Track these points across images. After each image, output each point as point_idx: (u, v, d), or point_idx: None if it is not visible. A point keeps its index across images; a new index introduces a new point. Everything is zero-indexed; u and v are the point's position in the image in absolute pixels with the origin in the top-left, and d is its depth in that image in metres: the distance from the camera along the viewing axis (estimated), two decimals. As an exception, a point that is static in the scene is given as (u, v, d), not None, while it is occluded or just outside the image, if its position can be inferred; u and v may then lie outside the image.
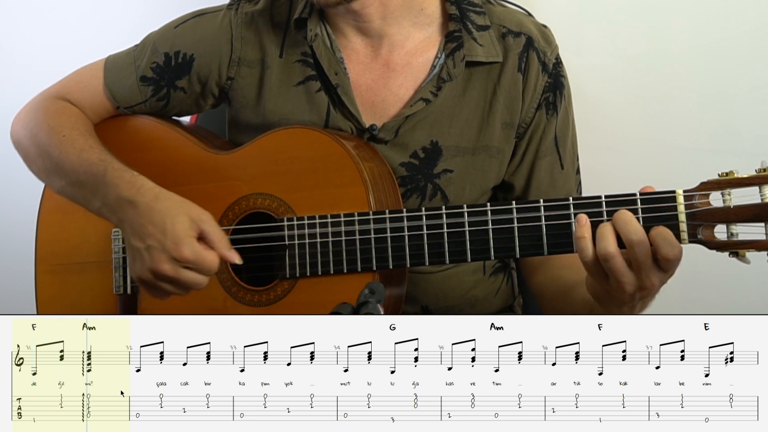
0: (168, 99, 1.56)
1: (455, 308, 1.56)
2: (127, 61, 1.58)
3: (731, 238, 1.21)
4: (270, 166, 1.43)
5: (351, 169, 1.38)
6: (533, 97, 1.49)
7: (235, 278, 1.43)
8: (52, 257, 1.56)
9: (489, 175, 1.51)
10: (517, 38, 1.49)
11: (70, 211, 1.53)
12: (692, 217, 1.23)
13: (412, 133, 1.48)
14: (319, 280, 1.39)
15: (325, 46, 1.50)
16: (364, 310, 1.01)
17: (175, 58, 1.54)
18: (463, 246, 1.33)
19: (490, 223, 1.31)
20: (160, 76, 1.55)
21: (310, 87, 1.50)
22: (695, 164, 1.98)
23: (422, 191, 1.49)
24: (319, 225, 1.38)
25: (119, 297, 1.51)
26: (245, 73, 1.53)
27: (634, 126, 2.02)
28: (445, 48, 1.48)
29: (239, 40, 1.52)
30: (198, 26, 1.56)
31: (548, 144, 1.51)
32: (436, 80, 1.47)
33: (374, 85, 1.50)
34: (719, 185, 1.21)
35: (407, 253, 1.35)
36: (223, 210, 1.44)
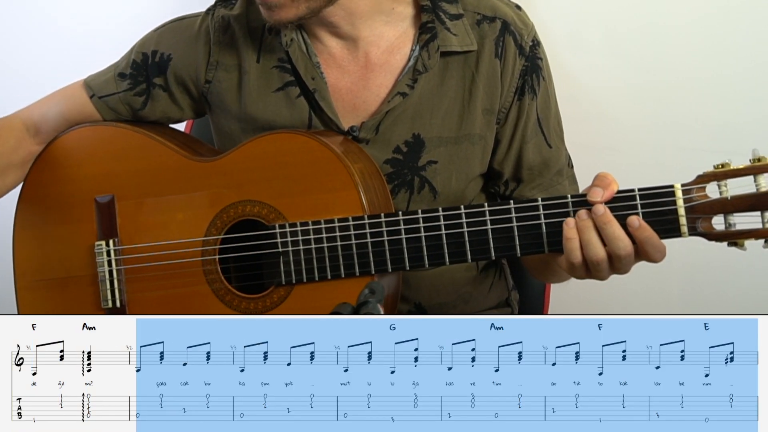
0: (148, 95, 1.55)
1: (448, 305, 1.56)
2: (107, 68, 1.59)
3: (729, 228, 1.23)
4: (257, 173, 1.41)
5: (341, 173, 1.37)
6: (511, 81, 1.48)
7: (229, 287, 1.42)
8: (32, 273, 1.52)
9: (473, 162, 1.50)
10: (492, 23, 1.48)
11: (45, 225, 1.51)
12: (691, 210, 1.24)
13: (393, 128, 1.48)
14: (316, 285, 1.38)
15: (302, 51, 1.49)
16: (364, 310, 1.01)
17: (152, 56, 1.54)
18: (462, 247, 1.32)
19: (489, 224, 1.31)
20: (138, 72, 1.54)
21: (290, 93, 1.49)
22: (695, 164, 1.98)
23: (410, 185, 1.49)
24: (313, 231, 1.37)
25: (107, 311, 1.47)
26: (223, 77, 1.52)
27: (634, 126, 2.02)
28: (419, 40, 1.47)
29: (216, 44, 1.52)
30: (177, 29, 1.56)
31: (532, 127, 1.51)
32: (411, 73, 1.46)
33: (354, 87, 1.49)
34: (716, 177, 1.23)
35: (406, 257, 1.34)
36: (210, 218, 1.42)
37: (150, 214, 1.46)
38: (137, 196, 1.47)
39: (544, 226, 1.29)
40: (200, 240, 1.43)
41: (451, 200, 1.51)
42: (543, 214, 1.29)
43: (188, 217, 1.43)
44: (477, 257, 1.33)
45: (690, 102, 1.97)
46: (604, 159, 1.99)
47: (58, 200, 1.52)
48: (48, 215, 1.52)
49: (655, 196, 1.25)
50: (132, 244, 1.47)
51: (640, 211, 1.24)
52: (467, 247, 1.32)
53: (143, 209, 1.47)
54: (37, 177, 1.53)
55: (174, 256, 1.44)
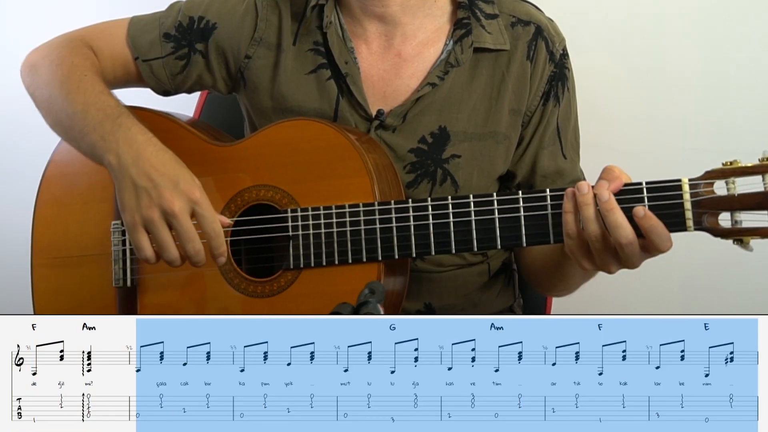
0: (188, 60, 1.56)
1: (457, 306, 1.56)
2: (152, 19, 1.58)
3: (735, 226, 1.22)
4: (273, 158, 1.43)
5: (355, 160, 1.38)
6: (539, 85, 1.50)
7: (237, 269, 1.43)
8: (49, 250, 1.55)
9: (496, 161, 1.52)
10: (526, 27, 1.51)
11: (67, 203, 1.53)
12: (697, 205, 1.24)
13: (420, 118, 1.49)
14: (323, 271, 1.39)
15: (338, 36, 1.51)
16: (364, 310, 1.01)
17: (198, 22, 1.55)
18: (469, 235, 1.33)
19: (497, 212, 1.32)
20: (182, 36, 1.55)
21: (321, 75, 1.51)
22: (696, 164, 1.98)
23: (432, 176, 1.50)
24: (324, 216, 1.38)
25: (118, 290, 1.50)
26: (263, 53, 1.53)
27: (635, 126, 2.02)
28: (454, 35, 1.49)
29: (264, 21, 1.53)
30: (226, 1, 1.57)
31: (551, 134, 1.52)
32: (443, 65, 1.48)
33: (386, 75, 1.51)
34: (724, 174, 1.22)
35: (413, 243, 1.35)
36: (225, 202, 1.44)
37: None
38: None
39: (550, 217, 1.29)
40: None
41: None
42: (550, 205, 1.29)
43: None
44: (483, 246, 1.33)
45: (690, 101, 1.97)
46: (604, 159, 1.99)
47: (81, 179, 1.54)
48: (70, 194, 1.54)
49: (662, 189, 1.25)
50: None
51: (647, 204, 1.25)
52: (473, 235, 1.33)
53: None
54: (62, 156, 1.55)
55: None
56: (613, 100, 2.01)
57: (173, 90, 1.60)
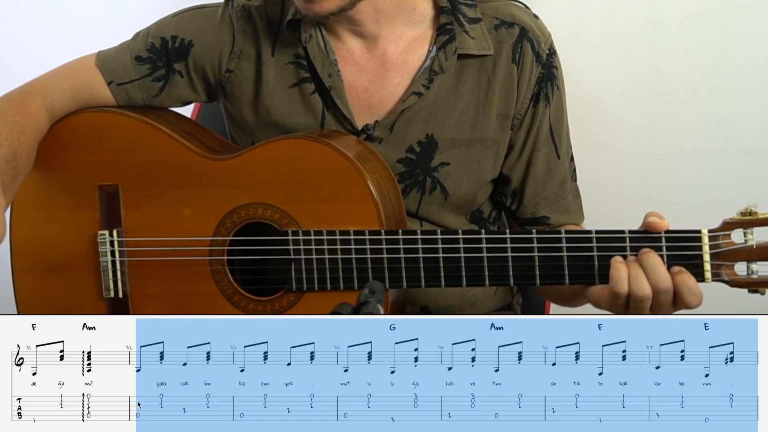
0: (167, 80, 1.53)
1: (455, 308, 1.56)
2: (120, 47, 1.55)
3: (751, 276, 1.25)
4: (271, 176, 1.39)
5: (359, 185, 1.36)
6: (528, 88, 1.49)
7: (237, 288, 1.41)
8: (30, 255, 1.50)
9: (485, 166, 1.51)
10: (510, 29, 1.49)
11: (47, 208, 1.49)
12: (716, 256, 1.25)
13: (407, 127, 1.48)
14: (327, 294, 1.37)
15: (320, 48, 1.49)
16: (364, 310, 1.01)
17: (173, 41, 1.52)
18: (481, 272, 1.31)
19: (510, 251, 1.30)
20: (157, 56, 1.52)
21: (305, 89, 1.49)
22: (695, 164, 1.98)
23: (422, 185, 1.49)
24: (328, 241, 1.36)
25: (109, 300, 1.47)
26: (244, 66, 1.51)
27: (635, 126, 2.02)
28: (437, 41, 1.47)
29: (241, 33, 1.51)
30: (197, 16, 1.54)
31: (544, 135, 1.52)
32: (427, 73, 1.47)
33: (370, 86, 1.49)
34: (742, 225, 1.24)
35: (422, 275, 1.33)
36: (219, 218, 1.41)
37: (155, 208, 1.45)
38: (143, 188, 1.46)
39: (566, 259, 1.29)
40: (208, 239, 1.42)
41: (462, 203, 1.51)
42: (565, 247, 1.29)
43: (195, 215, 1.43)
44: (495, 283, 1.32)
45: (690, 101, 1.97)
46: (604, 159, 2.00)
47: (62, 185, 1.50)
48: (50, 199, 1.50)
49: (681, 240, 1.25)
50: (135, 236, 1.46)
51: (665, 253, 1.25)
52: (486, 272, 1.31)
53: (148, 202, 1.46)
54: (42, 159, 1.49)
55: (181, 252, 1.43)
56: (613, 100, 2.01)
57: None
